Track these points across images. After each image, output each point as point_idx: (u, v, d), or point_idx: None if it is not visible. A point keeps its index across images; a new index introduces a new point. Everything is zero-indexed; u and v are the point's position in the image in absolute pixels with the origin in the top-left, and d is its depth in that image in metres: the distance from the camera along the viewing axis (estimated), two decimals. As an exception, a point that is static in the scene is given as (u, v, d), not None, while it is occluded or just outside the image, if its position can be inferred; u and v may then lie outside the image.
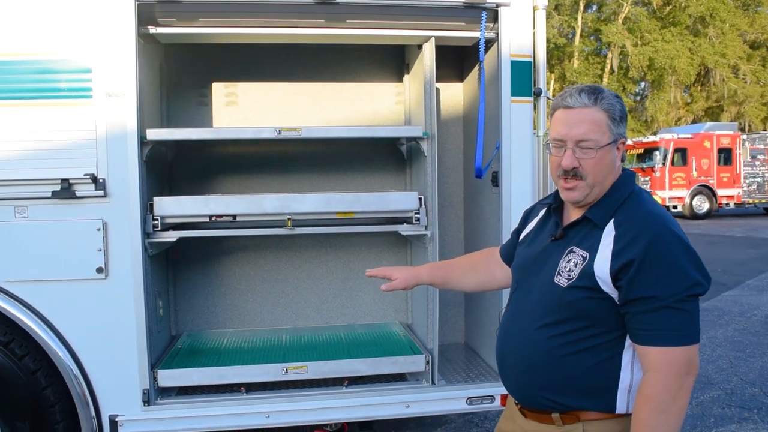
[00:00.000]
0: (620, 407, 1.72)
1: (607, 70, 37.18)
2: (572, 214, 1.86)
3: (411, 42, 3.54)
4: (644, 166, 20.91)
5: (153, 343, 3.14)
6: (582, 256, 1.72)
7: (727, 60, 36.63)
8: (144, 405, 3.02)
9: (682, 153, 20.63)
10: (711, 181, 20.93)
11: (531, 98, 3.33)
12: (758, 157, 21.70)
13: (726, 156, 21.08)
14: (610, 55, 37.42)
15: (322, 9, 3.13)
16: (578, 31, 36.97)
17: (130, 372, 3.01)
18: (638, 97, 40.15)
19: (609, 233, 1.70)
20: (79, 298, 2.97)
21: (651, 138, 22.34)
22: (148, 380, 3.02)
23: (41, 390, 3.00)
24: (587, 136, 1.72)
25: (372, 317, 4.20)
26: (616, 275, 1.65)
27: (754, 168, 21.64)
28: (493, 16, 3.29)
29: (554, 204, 1.92)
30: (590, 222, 1.76)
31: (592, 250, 1.71)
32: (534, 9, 3.32)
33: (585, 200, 1.79)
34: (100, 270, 2.96)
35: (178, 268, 3.94)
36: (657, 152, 20.55)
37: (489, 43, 3.37)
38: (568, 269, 1.74)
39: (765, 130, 33.53)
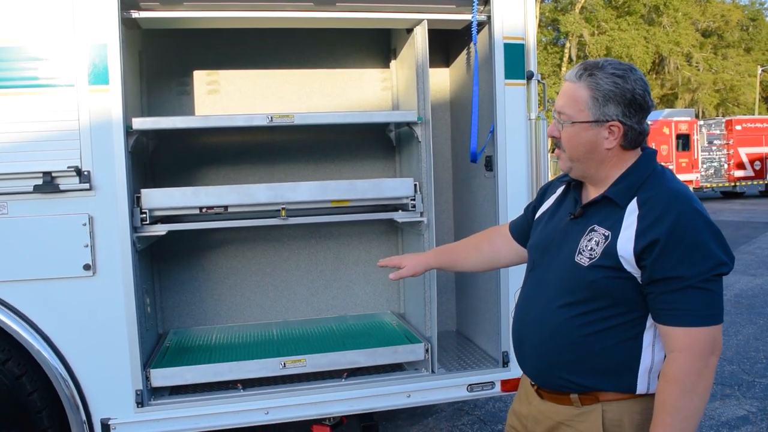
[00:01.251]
0: (641, 387, 1.69)
1: (565, 59, 37.70)
2: (591, 192, 1.81)
3: (402, 25, 3.47)
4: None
5: (144, 341, 3.01)
6: (604, 235, 1.68)
7: (681, 48, 37.59)
8: (137, 406, 2.90)
9: (641, 139, 21.05)
10: (670, 166, 21.31)
11: (524, 81, 3.30)
12: (715, 142, 22.33)
13: (684, 142, 21.61)
14: (568, 45, 37.97)
15: (313, -9, 3.04)
16: (536, 21, 37.35)
17: (121, 373, 2.88)
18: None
19: (632, 212, 1.66)
20: (65, 298, 2.82)
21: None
22: (141, 380, 2.90)
23: (27, 395, 2.85)
24: (562, 109, 1.73)
25: (363, 307, 4.13)
26: (640, 255, 1.61)
27: (711, 153, 22.27)
28: (484, -2, 3.25)
29: (574, 181, 1.88)
30: (611, 201, 1.72)
31: (615, 228, 1.66)
32: (524, -9, 3.28)
33: (572, 174, 1.81)
34: (87, 267, 2.82)
35: (163, 263, 3.80)
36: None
37: (480, 26, 3.32)
38: (589, 248, 1.70)
39: (719, 116, 34.52)
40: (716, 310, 1.60)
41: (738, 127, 22.09)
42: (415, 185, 3.29)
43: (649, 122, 1.79)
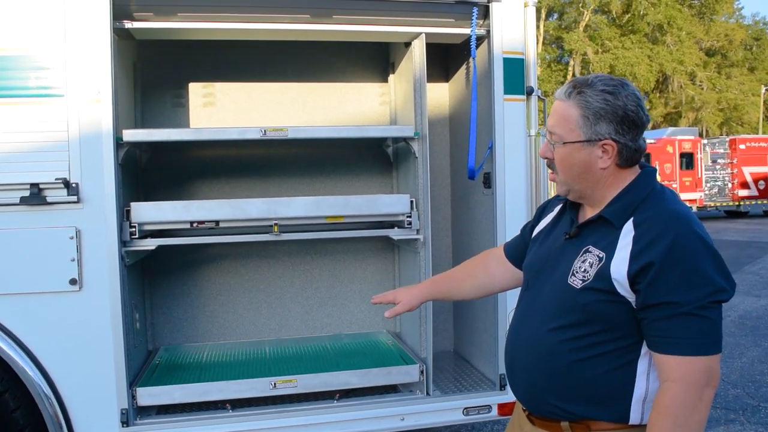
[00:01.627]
0: (634, 418, 1.60)
1: (569, 77, 37.79)
2: (588, 212, 1.74)
3: (399, 39, 3.42)
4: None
5: (131, 359, 2.93)
6: (598, 256, 1.61)
7: (685, 67, 37.68)
8: (122, 426, 2.81)
9: (646, 158, 20.98)
10: (674, 185, 21.35)
11: (524, 96, 3.25)
12: (718, 161, 22.26)
13: (688, 160, 21.54)
14: (572, 63, 38.11)
15: (309, 3, 3.00)
16: (540, 39, 37.51)
17: (106, 391, 2.80)
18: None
19: (628, 233, 1.58)
20: (50, 312, 2.75)
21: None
22: (127, 399, 2.82)
23: (10, 413, 2.76)
24: (553, 129, 1.67)
25: (359, 326, 4.04)
26: (634, 278, 1.53)
27: (715, 172, 22.19)
28: (484, 12, 3.20)
29: (570, 200, 1.81)
30: (606, 221, 1.64)
31: (609, 250, 1.59)
32: (524, 5, 3.24)
33: (571, 196, 1.74)
34: (73, 282, 2.75)
35: (153, 278, 3.72)
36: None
37: (479, 40, 3.27)
38: (583, 270, 1.62)
39: (722, 135, 34.49)
40: (713, 339, 1.51)
41: (742, 146, 22.03)
42: (412, 202, 3.23)
43: (647, 139, 1.72)
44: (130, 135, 2.88)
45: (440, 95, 4.10)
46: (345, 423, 3.03)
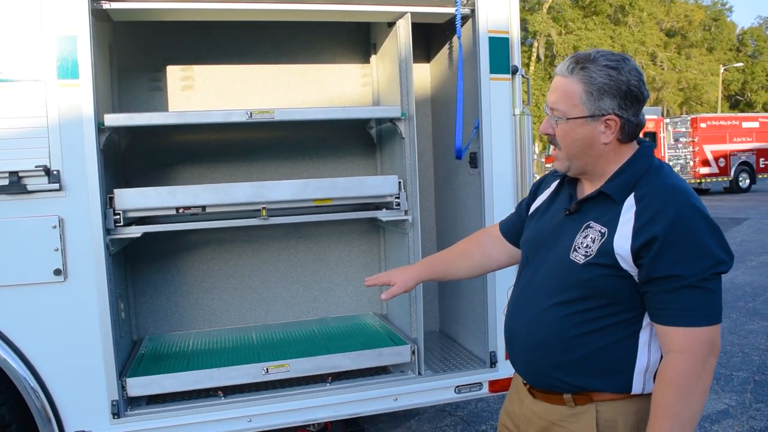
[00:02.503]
0: (636, 388, 1.64)
1: (533, 58, 38.08)
2: (587, 188, 1.76)
3: (384, 19, 3.38)
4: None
5: (119, 349, 2.87)
6: (600, 231, 1.62)
7: (646, 47, 38.27)
8: (113, 417, 2.76)
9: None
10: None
11: (509, 75, 3.24)
12: (680, 140, 22.71)
13: (651, 139, 21.85)
14: (536, 44, 38.34)
15: (293, -18, 2.93)
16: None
17: (95, 382, 2.74)
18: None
19: (629, 208, 1.60)
20: (34, 304, 2.67)
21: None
22: (117, 390, 2.76)
23: (-5, 408, 2.69)
24: (556, 105, 1.67)
25: (345, 309, 4.03)
26: (637, 253, 1.55)
27: (677, 150, 22.64)
28: (468, -10, 3.18)
29: (568, 176, 1.82)
30: (607, 197, 1.66)
31: (611, 225, 1.61)
32: (508, -16, 3.22)
33: (571, 172, 1.74)
34: (57, 272, 2.67)
35: (136, 266, 3.65)
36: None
37: (464, 19, 3.25)
38: (585, 245, 1.64)
39: (683, 114, 35.21)
40: (715, 310, 1.54)
41: (703, 125, 22.49)
42: (400, 183, 3.21)
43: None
44: (112, 120, 2.80)
45: (422, 76, 4.08)
46: (339, 405, 3.03)
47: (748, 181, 23.13)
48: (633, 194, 1.62)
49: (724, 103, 42.33)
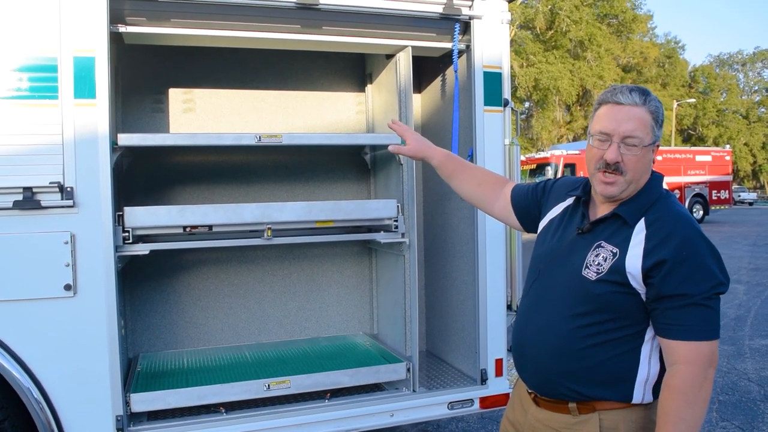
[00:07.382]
0: (636, 397, 1.78)
1: (496, 89, 38.80)
2: (600, 210, 1.90)
3: (384, 51, 3.55)
4: (537, 179, 22.07)
5: (123, 365, 2.91)
6: (612, 251, 1.78)
7: (604, 81, 39.50)
8: (117, 432, 2.79)
9: (571, 167, 21.94)
10: (598, 194, 22.31)
11: (502, 108, 3.43)
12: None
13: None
14: (498, 76, 39.09)
15: (302, 14, 3.07)
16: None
17: (100, 398, 2.77)
18: (524, 116, 42.35)
19: (640, 231, 1.76)
20: (44, 319, 2.69)
21: (543, 154, 23.64)
22: (122, 405, 2.79)
23: (0, 422, 2.69)
24: (634, 133, 1.77)
25: (336, 329, 4.12)
26: (647, 272, 1.71)
27: (634, 180, 23.33)
28: (465, 28, 3.37)
29: (584, 197, 1.96)
30: (620, 219, 1.81)
31: (623, 246, 1.76)
32: (501, 23, 3.43)
33: (620, 196, 1.84)
34: (68, 287, 2.71)
35: (133, 283, 3.68)
36: (548, 167, 21.81)
37: (460, 53, 3.44)
38: (596, 263, 1.79)
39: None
40: (715, 326, 1.72)
41: (659, 158, 23.20)
42: (398, 206, 3.35)
43: (577, 151, 1.90)
44: (125, 139, 2.88)
45: (414, 105, 4.24)
46: (338, 421, 3.11)
47: (701, 212, 24.04)
48: (644, 218, 1.78)
49: (677, 136, 43.93)
